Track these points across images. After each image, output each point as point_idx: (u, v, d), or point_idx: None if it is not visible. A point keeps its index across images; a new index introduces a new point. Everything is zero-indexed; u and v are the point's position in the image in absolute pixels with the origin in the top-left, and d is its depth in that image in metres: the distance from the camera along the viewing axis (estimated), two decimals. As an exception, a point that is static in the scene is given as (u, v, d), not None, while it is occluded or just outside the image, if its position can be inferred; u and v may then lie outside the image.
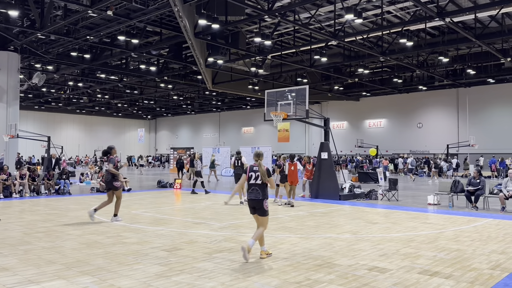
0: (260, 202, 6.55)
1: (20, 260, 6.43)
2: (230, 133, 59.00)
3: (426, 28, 23.14)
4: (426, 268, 6.09)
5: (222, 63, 26.65)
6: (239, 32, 24.20)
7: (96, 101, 50.17)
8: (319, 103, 48.54)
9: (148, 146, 69.62)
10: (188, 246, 7.44)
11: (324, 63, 27.41)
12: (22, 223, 9.92)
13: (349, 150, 45.26)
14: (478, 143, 34.06)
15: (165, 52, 29.13)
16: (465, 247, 7.50)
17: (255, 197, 6.57)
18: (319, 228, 9.47)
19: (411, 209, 12.86)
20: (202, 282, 5.37)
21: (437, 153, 39.36)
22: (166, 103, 52.07)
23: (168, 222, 10.21)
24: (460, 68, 33.33)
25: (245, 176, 6.75)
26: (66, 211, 11.99)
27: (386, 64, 32.72)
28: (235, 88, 34.13)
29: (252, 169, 6.69)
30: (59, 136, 55.45)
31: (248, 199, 6.73)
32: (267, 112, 15.57)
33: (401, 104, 43.11)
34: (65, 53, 28.21)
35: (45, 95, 45.21)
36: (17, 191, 15.87)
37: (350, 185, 16.48)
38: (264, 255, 6.66)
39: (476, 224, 10.05)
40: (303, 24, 21.21)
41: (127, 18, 20.79)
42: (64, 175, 17.79)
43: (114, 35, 24.99)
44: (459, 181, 13.78)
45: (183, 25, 21.11)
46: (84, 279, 5.45)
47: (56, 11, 21.22)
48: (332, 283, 5.39)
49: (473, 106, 38.44)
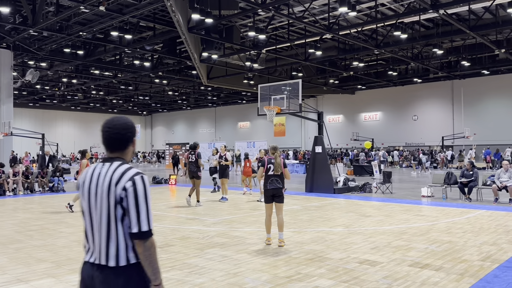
0: (280, 190, 7.21)
1: (10, 259, 6.40)
2: (226, 128, 58.93)
3: (420, 20, 23.08)
4: (417, 261, 6.11)
5: (217, 57, 26.53)
6: (233, 27, 24.08)
7: (90, 98, 49.96)
8: (314, 97, 48.50)
9: (144, 142, 69.48)
10: (180, 242, 7.43)
11: (319, 57, 27.34)
12: (14, 221, 9.89)
13: (345, 144, 45.32)
14: (473, 135, 34.18)
15: (159, 47, 28.98)
16: (457, 239, 7.52)
17: (276, 186, 7.20)
18: (312, 222, 9.48)
19: (405, 202, 12.90)
20: (192, 278, 5.36)
21: (432, 145, 39.47)
22: (161, 98, 51.90)
23: (162, 218, 10.19)
24: (455, 60, 33.33)
25: (263, 168, 7.28)
26: (60, 209, 11.95)
27: (381, 57, 32.68)
28: (230, 82, 34.03)
29: (270, 162, 7.26)
30: (54, 133, 55.23)
31: (268, 189, 7.23)
32: (261, 106, 15.55)
33: (396, 97, 43.13)
34: (58, 49, 28.02)
35: (39, 92, 44.97)
36: (11, 189, 15.81)
37: (345, 179, 16.50)
38: (283, 243, 7.12)
39: (469, 216, 10.09)
40: (297, 18, 21.12)
41: (120, 14, 20.64)
42: (58, 172, 17.74)
43: (107, 30, 24.84)
44: (453, 173, 13.82)
45: (176, 20, 20.99)
46: (73, 277, 5.43)
47: (48, 7, 21.05)
48: (322, 276, 5.39)
49: (468, 98, 38.49)
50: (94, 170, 2.31)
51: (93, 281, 2.21)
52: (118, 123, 2.33)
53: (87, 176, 2.33)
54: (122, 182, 2.19)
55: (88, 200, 2.29)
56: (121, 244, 2.20)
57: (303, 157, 37.81)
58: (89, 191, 2.28)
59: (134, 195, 2.17)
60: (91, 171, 2.32)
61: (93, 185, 2.27)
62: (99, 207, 2.23)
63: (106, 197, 2.21)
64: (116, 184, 2.19)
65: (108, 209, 2.20)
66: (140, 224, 2.15)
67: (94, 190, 2.26)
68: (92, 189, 2.26)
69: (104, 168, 2.27)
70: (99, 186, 2.24)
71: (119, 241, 2.20)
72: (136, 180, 2.20)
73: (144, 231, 2.16)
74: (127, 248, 2.21)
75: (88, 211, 2.29)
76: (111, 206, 2.20)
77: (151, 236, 2.18)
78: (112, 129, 2.31)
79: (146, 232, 2.16)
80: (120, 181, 2.20)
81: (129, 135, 2.34)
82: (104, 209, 2.21)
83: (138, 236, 2.16)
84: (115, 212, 2.19)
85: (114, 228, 2.20)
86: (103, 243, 2.21)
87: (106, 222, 2.21)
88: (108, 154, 2.35)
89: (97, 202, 2.24)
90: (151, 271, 2.19)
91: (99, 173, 2.27)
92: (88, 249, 2.31)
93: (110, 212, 2.20)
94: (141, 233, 2.15)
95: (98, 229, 2.23)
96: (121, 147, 2.34)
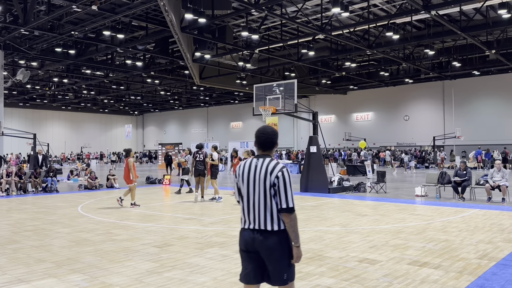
0: None
1: (9, 259, 6.36)
2: (218, 128, 58.87)
3: (412, 21, 23.29)
4: (415, 259, 6.18)
5: (209, 57, 26.51)
6: (226, 26, 24.07)
7: (82, 97, 49.60)
8: (307, 97, 48.66)
9: (136, 142, 69.13)
10: (179, 242, 7.43)
11: (312, 57, 27.45)
12: (9, 221, 9.80)
13: (337, 144, 45.52)
14: (464, 135, 34.55)
15: (151, 47, 28.88)
16: (453, 238, 7.62)
17: None
18: (309, 221, 9.53)
19: (399, 201, 13.01)
20: (194, 278, 5.37)
21: (423, 145, 39.81)
22: (153, 98, 51.69)
23: (158, 218, 10.17)
24: (446, 60, 33.68)
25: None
26: (54, 209, 11.87)
27: (373, 58, 32.90)
28: (223, 82, 34.01)
29: None
30: (44, 133, 54.76)
31: None
32: (256, 106, 15.57)
33: (388, 97, 43.44)
34: (50, 49, 27.79)
35: (30, 91, 44.55)
36: (4, 189, 15.66)
37: (339, 178, 16.59)
38: None
39: (463, 215, 10.21)
40: (290, 18, 21.18)
41: (112, 13, 20.53)
42: (51, 173, 17.60)
43: (99, 30, 24.69)
44: (446, 172, 13.97)
45: (169, 20, 20.94)
46: (75, 277, 5.41)
47: (40, 6, 20.86)
48: (323, 275, 5.44)
49: (459, 98, 38.90)
50: (251, 164, 3.23)
51: (254, 240, 3.15)
52: (269, 131, 3.28)
53: (245, 168, 3.25)
54: (275, 172, 3.12)
55: (247, 185, 3.21)
56: (274, 215, 3.12)
57: (296, 157, 37.91)
58: (248, 178, 3.21)
59: (283, 181, 3.10)
60: (248, 165, 3.25)
61: (251, 174, 3.20)
62: (257, 189, 3.16)
63: (263, 182, 3.14)
64: (271, 174, 3.12)
65: (265, 190, 3.13)
66: (288, 202, 3.08)
67: (252, 177, 3.18)
68: (251, 177, 3.19)
69: (259, 162, 3.20)
70: (257, 174, 3.17)
71: (273, 213, 3.11)
72: (284, 171, 3.13)
73: (290, 207, 3.08)
74: (278, 218, 3.12)
75: (246, 193, 3.22)
76: (267, 188, 3.12)
77: (294, 211, 3.10)
78: (265, 135, 3.25)
79: (291, 207, 3.08)
80: (273, 171, 3.12)
81: (275, 140, 3.28)
82: (262, 190, 3.14)
83: (286, 211, 3.08)
84: (270, 192, 3.12)
85: (269, 203, 3.12)
86: (261, 214, 3.14)
87: (263, 199, 3.14)
88: (260, 152, 3.29)
89: (255, 186, 3.17)
90: (293, 236, 3.13)
91: (256, 166, 3.20)
92: (244, 221, 3.24)
93: (266, 192, 3.12)
94: (288, 208, 3.07)
95: (257, 205, 3.16)
96: (270, 148, 3.28)
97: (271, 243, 3.10)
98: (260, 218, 3.13)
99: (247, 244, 3.18)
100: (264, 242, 3.10)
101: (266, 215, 3.12)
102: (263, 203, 3.12)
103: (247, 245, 3.18)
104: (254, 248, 3.14)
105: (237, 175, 3.29)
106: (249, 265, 3.21)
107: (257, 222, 3.14)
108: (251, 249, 3.17)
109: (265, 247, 3.10)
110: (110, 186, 18.60)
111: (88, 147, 56.66)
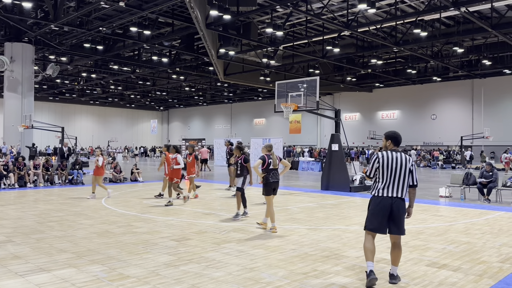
0: (278, 183, 8.20)
1: (32, 248, 6.57)
2: (241, 125, 59.04)
3: (440, 18, 22.75)
4: (434, 261, 6.06)
5: (234, 54, 26.59)
6: (250, 23, 24.09)
7: (109, 92, 50.56)
8: (331, 94, 48.23)
9: (161, 137, 70.08)
10: (197, 236, 7.51)
11: (337, 54, 27.18)
12: (35, 212, 10.11)
13: (361, 142, 44.99)
14: (493, 135, 33.56)
15: (177, 43, 29.17)
16: (475, 240, 7.44)
17: (277, 179, 8.10)
18: (328, 219, 9.47)
19: (422, 201, 12.77)
20: (210, 272, 5.42)
21: (451, 145, 38.92)
22: (178, 94, 52.25)
23: (179, 212, 10.30)
24: (476, 58, 32.75)
25: (260, 161, 8.04)
26: (78, 201, 12.17)
27: (400, 55, 32.31)
28: (247, 79, 34.07)
29: (270, 157, 8.12)
30: (73, 126, 56.13)
31: (271, 182, 7.99)
32: (278, 103, 15.53)
33: (415, 95, 42.61)
34: (79, 44, 28.44)
35: (59, 86, 45.70)
36: (32, 180, 16.15)
37: (361, 177, 16.40)
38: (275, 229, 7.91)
39: (487, 217, 9.95)
40: (315, 14, 21.02)
41: (139, 9, 20.83)
42: (77, 165, 18.04)
43: (127, 26, 25.11)
44: (472, 173, 13.62)
45: (194, 16, 21.10)
46: (94, 268, 5.55)
47: (69, 3, 21.37)
48: (338, 274, 5.40)
49: (489, 97, 37.81)
50: (393, 155, 4.98)
51: (391, 205, 4.92)
52: (399, 133, 5.17)
53: (389, 158, 4.97)
54: (410, 161, 5.01)
55: (394, 169, 4.94)
56: (406, 188, 5.00)
57: (319, 155, 37.67)
58: (394, 165, 4.95)
59: (414, 168, 5.03)
60: (391, 156, 4.98)
61: (394, 162, 4.96)
62: (398, 172, 4.94)
63: (404, 167, 4.96)
64: (408, 162, 4.98)
65: (405, 173, 4.95)
66: (416, 181, 5.06)
67: (395, 164, 4.94)
68: (397, 164, 4.95)
69: (398, 154, 5.00)
70: (398, 162, 4.95)
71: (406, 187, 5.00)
72: (413, 162, 5.07)
73: (416, 184, 5.07)
74: (408, 189, 5.02)
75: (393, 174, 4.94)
76: (406, 172, 4.96)
77: (417, 186, 5.08)
78: (399, 135, 5.10)
79: (417, 185, 5.07)
80: (409, 160, 5.00)
81: (400, 138, 5.06)
82: (403, 173, 4.94)
83: (414, 187, 5.06)
84: (408, 174, 4.97)
85: (407, 181, 4.98)
86: (400, 187, 4.94)
87: (403, 178, 4.95)
88: (394, 148, 5.09)
89: (398, 170, 4.94)
90: (413, 202, 5.12)
91: (397, 157, 4.97)
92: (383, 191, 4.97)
93: (406, 174, 4.96)
94: (415, 185, 5.06)
95: (398, 181, 4.93)
96: (399, 144, 5.09)
97: (402, 206, 4.94)
98: (399, 190, 4.93)
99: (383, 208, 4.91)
100: (399, 205, 4.91)
101: (404, 188, 4.95)
102: (403, 180, 4.94)
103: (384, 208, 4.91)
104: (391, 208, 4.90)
105: (380, 161, 4.98)
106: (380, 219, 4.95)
107: (396, 192, 4.92)
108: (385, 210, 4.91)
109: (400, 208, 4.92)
110: (134, 179, 18.93)
111: (115, 141, 57.67)
